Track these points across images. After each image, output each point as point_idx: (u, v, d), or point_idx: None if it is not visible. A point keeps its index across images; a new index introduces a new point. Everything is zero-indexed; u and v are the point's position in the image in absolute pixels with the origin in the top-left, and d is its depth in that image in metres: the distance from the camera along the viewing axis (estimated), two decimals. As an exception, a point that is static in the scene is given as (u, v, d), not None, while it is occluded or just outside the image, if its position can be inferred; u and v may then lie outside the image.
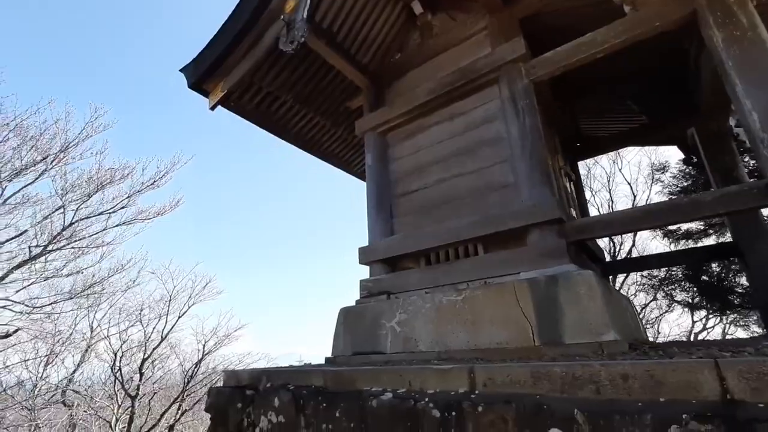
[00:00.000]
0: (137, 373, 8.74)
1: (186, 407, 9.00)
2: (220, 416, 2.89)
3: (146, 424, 8.55)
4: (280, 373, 2.79)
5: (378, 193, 3.83)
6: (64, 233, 5.70)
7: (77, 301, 6.44)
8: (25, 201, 5.38)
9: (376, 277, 3.51)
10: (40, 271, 5.71)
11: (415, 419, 1.87)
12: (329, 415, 2.24)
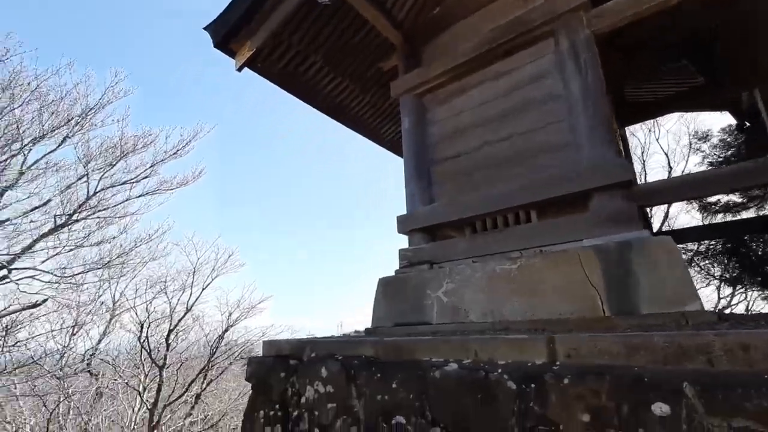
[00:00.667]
0: (163, 343, 8.94)
1: (211, 377, 9.23)
2: (263, 386, 2.84)
3: (174, 393, 8.80)
4: (324, 343, 2.70)
5: (416, 159, 3.64)
6: (89, 202, 5.67)
7: (103, 271, 6.50)
8: (49, 168, 5.35)
9: (417, 247, 3.37)
10: (65, 241, 5.75)
11: (486, 391, 1.75)
12: (384, 386, 2.14)
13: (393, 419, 2.07)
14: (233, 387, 10.85)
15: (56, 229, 5.55)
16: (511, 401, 1.68)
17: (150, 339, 8.71)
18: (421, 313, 2.96)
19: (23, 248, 5.38)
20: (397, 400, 2.08)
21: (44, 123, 4.75)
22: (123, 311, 9.26)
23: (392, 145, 6.07)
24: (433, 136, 3.65)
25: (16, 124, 4.36)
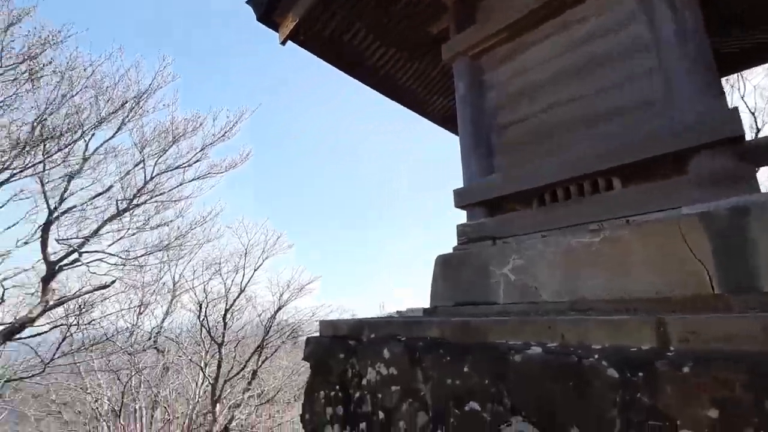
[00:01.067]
0: (221, 322, 9.42)
1: (266, 355, 9.65)
2: (322, 366, 2.79)
3: (233, 369, 9.29)
4: (384, 323, 2.59)
5: (473, 126, 3.37)
6: (147, 187, 5.93)
7: (163, 253, 6.88)
8: (108, 154, 5.63)
9: (477, 221, 3.14)
10: (128, 225, 6.10)
11: (578, 379, 1.54)
12: (454, 370, 1.98)
13: (466, 405, 1.91)
14: (285, 364, 11.29)
15: (119, 214, 5.87)
16: (611, 391, 1.47)
17: (208, 318, 9.20)
18: (486, 292, 2.76)
19: (91, 233, 5.74)
20: (469, 386, 1.91)
21: (101, 110, 4.97)
22: (183, 292, 9.83)
23: (441, 118, 5.78)
24: (492, 101, 3.36)
25: (76, 111, 4.58)
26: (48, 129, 4.26)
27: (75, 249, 5.62)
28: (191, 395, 10.38)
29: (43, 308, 5.72)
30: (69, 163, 5.13)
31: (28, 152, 4.21)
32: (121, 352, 8.86)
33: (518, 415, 1.74)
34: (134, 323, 13.32)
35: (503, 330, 1.90)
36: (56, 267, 5.75)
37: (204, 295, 9.39)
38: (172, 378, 11.19)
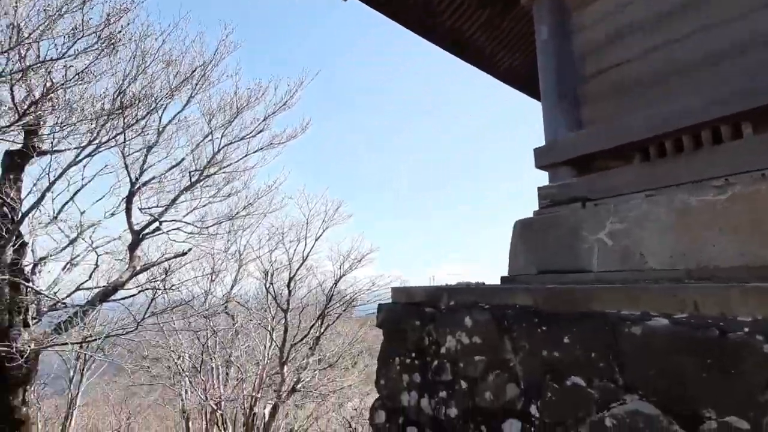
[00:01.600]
0: (285, 289, 9.91)
1: (327, 322, 10.05)
2: (396, 333, 2.73)
3: (297, 335, 9.81)
4: (465, 290, 2.44)
5: (558, 75, 3.02)
6: (215, 158, 6.19)
7: (232, 223, 7.23)
8: (180, 128, 5.93)
9: (563, 182, 2.85)
10: (199, 196, 6.47)
11: (722, 354, 1.30)
12: (550, 340, 1.81)
13: (566, 380, 1.74)
14: (345, 332, 11.70)
15: (192, 185, 6.20)
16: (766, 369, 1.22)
17: (274, 286, 9.71)
18: (576, 259, 2.51)
19: (169, 203, 6.13)
20: (570, 359, 1.73)
21: (171, 81, 5.18)
22: (249, 260, 10.41)
23: (507, 75, 5.34)
24: (581, 46, 2.97)
25: (150, 82, 4.80)
26: (127, 100, 4.52)
27: (156, 218, 6.05)
28: (260, 357, 11.14)
29: (131, 273, 6.28)
30: (146, 136, 5.48)
31: (111, 123, 4.52)
32: (197, 315, 9.58)
33: (633, 393, 1.54)
34: (207, 289, 14.45)
35: (613, 298, 1.68)
36: (140, 235, 6.25)
37: (269, 263, 9.92)
38: (242, 341, 12.03)
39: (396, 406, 2.63)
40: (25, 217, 4.96)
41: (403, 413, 2.57)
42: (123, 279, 6.10)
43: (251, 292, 11.74)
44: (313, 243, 10.06)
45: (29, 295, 5.35)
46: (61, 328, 5.88)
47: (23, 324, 5.49)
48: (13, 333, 5.35)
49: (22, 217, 4.94)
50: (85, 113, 4.16)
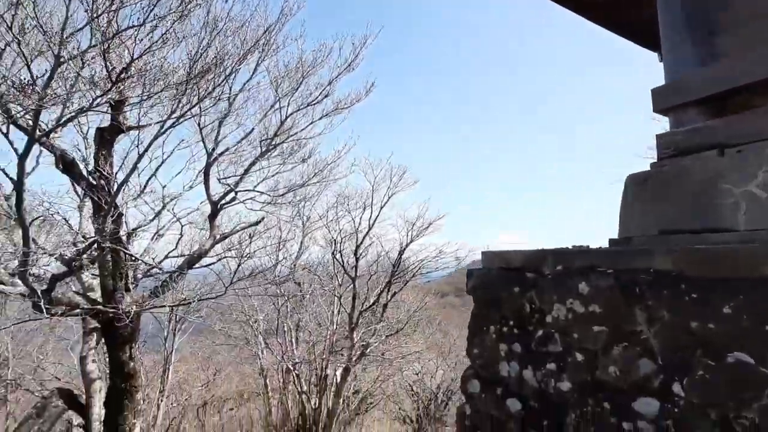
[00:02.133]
0: (352, 257, 10.13)
1: (394, 290, 10.17)
2: (491, 300, 2.55)
3: (366, 302, 10.06)
4: (578, 253, 2.18)
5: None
6: (283, 126, 6.25)
7: (300, 191, 7.37)
8: (249, 97, 6.04)
9: (692, 127, 2.41)
10: (269, 165, 6.65)
11: None
12: (705, 310, 1.52)
13: (727, 356, 1.46)
14: (410, 300, 11.80)
15: (262, 154, 6.35)
16: None
17: (342, 253, 9.93)
18: (714, 217, 2.13)
19: (243, 172, 6.35)
20: (733, 332, 1.45)
21: (240, 48, 5.18)
22: (316, 228, 10.70)
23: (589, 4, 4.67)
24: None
25: (221, 48, 4.84)
26: (200, 69, 4.62)
27: (232, 188, 6.32)
28: (327, 323, 11.64)
29: (213, 242, 6.68)
30: (219, 106, 5.65)
31: (188, 95, 4.67)
32: (270, 283, 10.04)
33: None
34: (277, 257, 15.23)
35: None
36: (218, 206, 6.58)
37: (337, 230, 10.11)
38: (310, 307, 12.61)
39: (492, 377, 2.50)
40: (120, 189, 5.40)
41: (502, 384, 2.43)
42: (206, 247, 6.51)
43: (317, 260, 12.17)
44: (378, 210, 10.05)
45: (128, 262, 5.91)
46: (156, 292, 6.47)
47: (125, 288, 6.10)
48: (117, 296, 5.97)
49: (118, 189, 5.38)
50: (166, 82, 4.31)
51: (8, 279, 5.54)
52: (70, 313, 5.55)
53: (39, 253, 5.08)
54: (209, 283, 9.50)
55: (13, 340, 14.99)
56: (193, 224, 6.92)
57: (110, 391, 6.59)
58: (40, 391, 14.81)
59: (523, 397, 2.30)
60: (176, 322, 13.15)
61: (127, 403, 6.36)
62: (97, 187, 5.82)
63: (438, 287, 13.57)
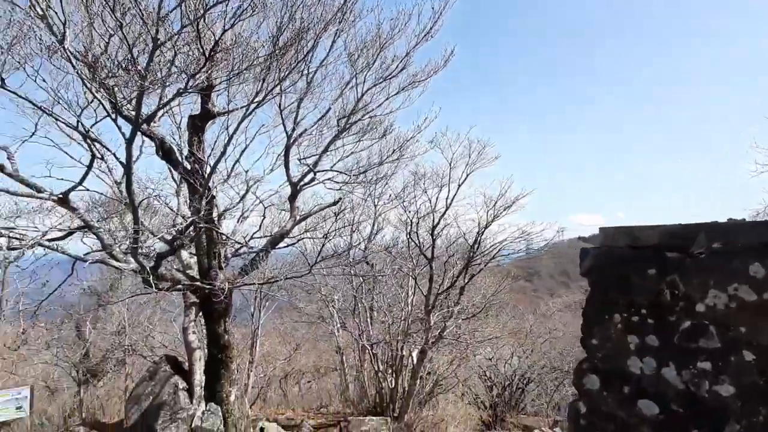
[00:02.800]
0: (428, 238, 9.95)
1: (472, 272, 9.84)
2: (615, 283, 2.20)
3: (443, 284, 9.88)
4: (745, 228, 1.76)
5: None
6: (359, 104, 6.17)
7: (377, 170, 7.28)
8: (325, 75, 6.04)
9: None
10: (347, 144, 6.67)
11: None
12: None
13: None
14: (488, 284, 11.38)
15: (340, 133, 6.35)
16: None
17: (418, 234, 9.77)
18: None
19: (320, 152, 6.42)
20: None
21: (319, 21, 5.11)
22: (390, 208, 10.65)
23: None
24: None
25: (299, 22, 4.81)
26: (280, 48, 4.66)
27: (311, 168, 6.43)
28: (402, 305, 11.67)
29: (294, 223, 6.90)
30: (298, 86, 5.73)
31: (272, 70, 4.77)
32: (345, 262, 10.24)
33: None
34: (351, 238, 15.60)
35: None
36: (297, 187, 6.75)
37: (413, 210, 9.96)
38: (384, 288, 12.73)
39: (617, 372, 2.17)
40: (212, 172, 5.76)
41: (631, 382, 2.10)
42: (287, 228, 6.75)
43: (391, 240, 12.19)
44: (456, 189, 9.60)
45: (220, 242, 6.32)
46: (244, 270, 6.89)
47: (218, 267, 6.57)
48: (212, 273, 6.45)
49: (210, 172, 5.74)
50: (252, 58, 4.42)
51: (122, 257, 6.21)
52: (174, 288, 6.11)
53: (146, 234, 5.63)
54: (290, 262, 9.99)
55: (128, 311, 17.20)
56: (274, 206, 7.22)
57: (208, 361, 7.22)
58: (151, 357, 16.96)
59: (662, 399, 1.95)
60: (261, 299, 14.13)
61: (223, 372, 6.92)
62: (191, 172, 6.26)
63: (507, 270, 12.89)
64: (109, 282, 20.92)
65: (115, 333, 17.10)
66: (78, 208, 5.60)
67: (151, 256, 7.19)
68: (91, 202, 7.72)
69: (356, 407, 12.37)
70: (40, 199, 5.23)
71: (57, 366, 15.49)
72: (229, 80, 4.62)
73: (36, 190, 5.16)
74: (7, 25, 3.86)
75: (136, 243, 5.17)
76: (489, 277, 13.06)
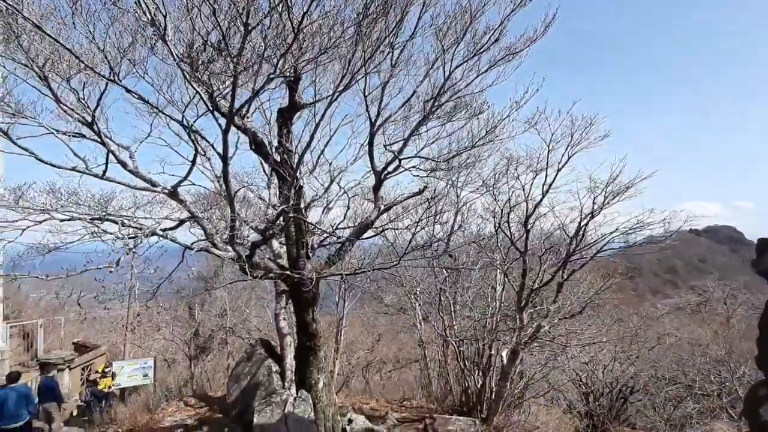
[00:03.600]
0: (521, 230, 9.23)
1: (573, 267, 8.92)
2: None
3: (538, 279, 9.11)
4: None
5: None
6: (446, 84, 5.80)
7: (467, 155, 6.82)
8: (410, 56, 5.74)
9: None
10: (434, 128, 6.37)
11: None
12: None
13: None
14: (589, 279, 10.25)
15: (426, 117, 6.06)
16: None
17: (509, 225, 9.11)
18: None
19: (406, 137, 6.21)
20: None
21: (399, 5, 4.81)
22: (477, 196, 10.05)
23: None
24: None
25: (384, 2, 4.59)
26: (365, 29, 4.51)
27: (396, 155, 6.25)
28: (489, 299, 11.06)
29: (378, 212, 6.80)
30: (381, 69, 5.56)
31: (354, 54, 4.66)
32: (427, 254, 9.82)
33: None
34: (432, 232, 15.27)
35: None
36: (382, 176, 6.63)
37: (503, 199, 9.24)
38: (468, 281, 12.19)
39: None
40: (300, 163, 5.88)
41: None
42: (372, 218, 6.67)
43: (476, 231, 11.64)
44: (554, 174, 8.56)
45: (308, 231, 6.47)
46: (330, 260, 7.00)
47: (306, 256, 6.74)
48: (300, 263, 6.64)
49: (298, 163, 5.86)
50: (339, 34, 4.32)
51: (222, 246, 6.66)
52: (266, 276, 6.39)
53: (241, 224, 5.96)
54: (373, 253, 10.00)
55: (229, 295, 18.94)
56: (357, 196, 7.21)
57: (298, 347, 7.50)
58: (248, 339, 18.54)
59: None
60: (345, 289, 14.51)
61: (311, 359, 7.14)
62: (281, 163, 6.46)
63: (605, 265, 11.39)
64: (213, 269, 23.33)
65: (218, 315, 18.98)
66: (185, 200, 6.08)
67: (246, 245, 7.62)
68: (196, 195, 8.49)
69: (440, 404, 12.10)
70: (155, 192, 5.78)
71: (173, 342, 17.63)
72: (316, 60, 4.59)
73: (151, 184, 5.70)
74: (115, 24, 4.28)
75: (233, 232, 5.47)
76: (590, 273, 11.80)
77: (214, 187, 8.38)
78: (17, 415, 7.44)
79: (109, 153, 5.75)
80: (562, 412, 15.64)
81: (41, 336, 15.15)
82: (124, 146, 6.18)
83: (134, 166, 5.95)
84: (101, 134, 5.34)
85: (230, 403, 10.37)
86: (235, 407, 10.11)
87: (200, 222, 6.60)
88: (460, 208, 11.37)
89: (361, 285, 11.24)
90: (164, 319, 18.45)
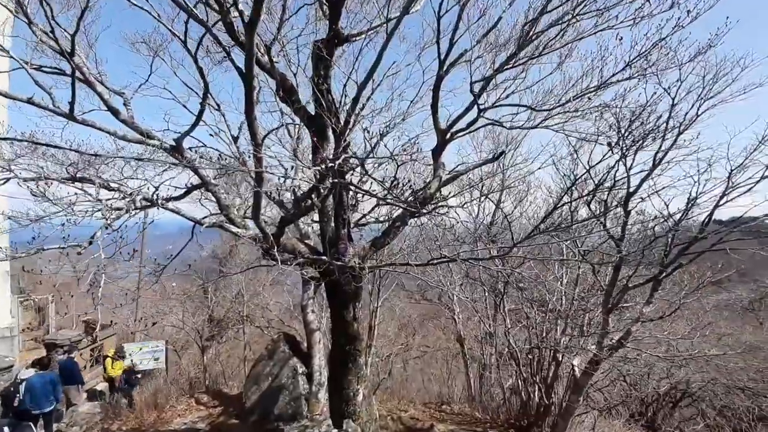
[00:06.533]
0: (620, 210, 7.78)
1: (680, 262, 7.47)
2: None
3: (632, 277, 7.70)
4: None
5: None
6: (548, 7, 4.40)
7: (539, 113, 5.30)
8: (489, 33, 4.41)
9: None
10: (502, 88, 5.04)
11: None
12: None
13: None
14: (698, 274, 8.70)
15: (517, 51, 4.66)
16: None
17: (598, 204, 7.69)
18: None
19: (494, 72, 4.86)
20: None
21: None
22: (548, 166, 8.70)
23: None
24: None
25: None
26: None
27: (475, 99, 4.84)
28: (555, 297, 9.79)
29: (439, 184, 5.60)
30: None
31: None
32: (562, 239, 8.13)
33: None
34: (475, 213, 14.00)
35: None
36: (447, 135, 5.38)
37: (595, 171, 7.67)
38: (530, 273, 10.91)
39: None
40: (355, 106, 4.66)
41: None
42: (430, 190, 5.47)
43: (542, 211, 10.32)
44: (673, 138, 6.55)
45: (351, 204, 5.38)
46: (375, 243, 5.90)
47: (348, 237, 5.66)
48: (340, 246, 5.56)
49: (354, 105, 4.66)
50: None
51: (241, 221, 5.64)
52: (296, 261, 5.36)
53: (270, 191, 4.93)
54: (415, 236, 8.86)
55: (245, 278, 18.25)
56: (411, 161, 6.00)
57: (333, 350, 6.52)
58: (267, 328, 17.92)
59: None
60: (380, 277, 13.46)
61: (351, 366, 6.13)
62: (316, 117, 5.33)
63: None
64: (228, 248, 22.73)
65: (233, 300, 18.38)
66: (192, 158, 5.08)
67: (270, 222, 6.56)
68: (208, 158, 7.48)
69: (491, 414, 11.04)
70: (151, 146, 4.78)
71: (183, 329, 17.17)
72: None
73: (147, 136, 4.69)
74: None
75: (258, 203, 4.42)
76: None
77: (231, 151, 7.35)
78: (45, 402, 7.65)
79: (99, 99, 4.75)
80: (621, 425, 14.50)
81: (53, 311, 15.10)
82: (116, 91, 5.16)
83: (129, 116, 4.93)
84: (82, 70, 4.33)
85: (248, 408, 9.60)
86: (254, 413, 9.32)
87: (212, 189, 5.59)
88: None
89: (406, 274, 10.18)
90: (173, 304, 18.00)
